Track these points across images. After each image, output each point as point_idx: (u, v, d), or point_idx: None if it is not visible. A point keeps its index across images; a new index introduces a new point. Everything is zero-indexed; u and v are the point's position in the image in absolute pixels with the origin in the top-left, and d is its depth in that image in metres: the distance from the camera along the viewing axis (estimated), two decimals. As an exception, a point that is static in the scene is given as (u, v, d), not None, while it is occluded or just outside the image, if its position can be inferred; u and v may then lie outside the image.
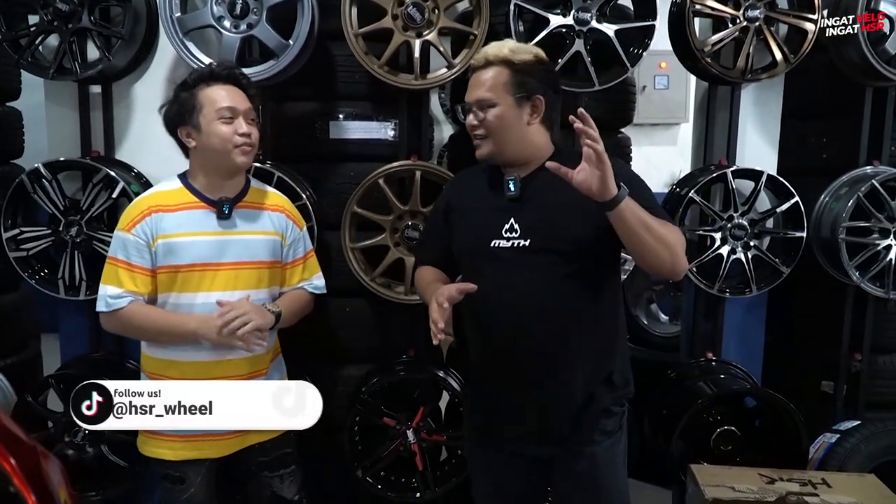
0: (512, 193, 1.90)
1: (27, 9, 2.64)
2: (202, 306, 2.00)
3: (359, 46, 2.56)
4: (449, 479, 2.82)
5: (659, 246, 1.73)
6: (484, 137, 1.90)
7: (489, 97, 1.87)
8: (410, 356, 2.94)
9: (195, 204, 2.03)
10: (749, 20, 2.69)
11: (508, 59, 1.87)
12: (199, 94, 1.98)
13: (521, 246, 1.87)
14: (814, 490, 2.45)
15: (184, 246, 1.99)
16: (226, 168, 2.02)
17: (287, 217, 2.17)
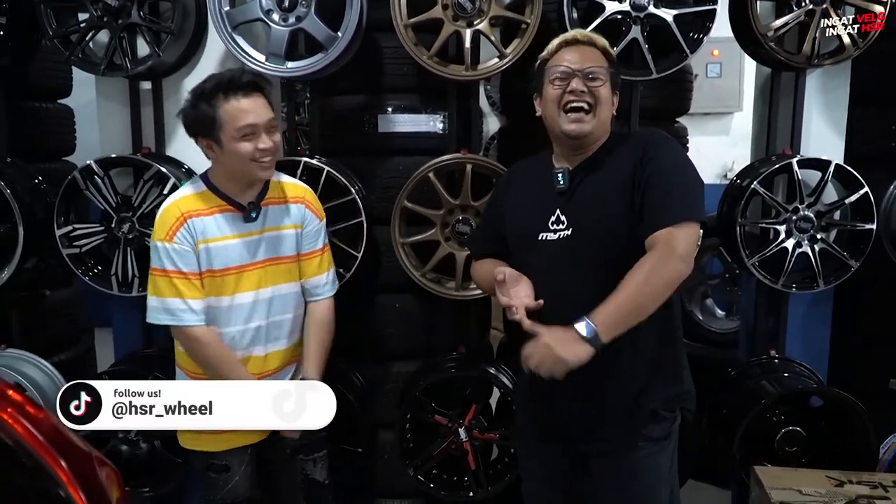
0: (560, 186, 1.88)
1: (77, 5, 2.65)
2: (236, 307, 2.07)
3: (408, 37, 2.52)
4: (501, 479, 2.78)
5: (659, 296, 1.70)
6: (589, 111, 1.84)
7: (602, 70, 1.85)
8: (461, 353, 2.89)
9: (224, 207, 2.05)
10: (815, 3, 2.58)
11: (606, 49, 1.90)
12: (219, 109, 1.95)
13: (566, 238, 1.84)
14: (885, 493, 2.38)
15: (219, 250, 2.03)
16: (248, 181, 2.05)
17: (306, 207, 2.18)
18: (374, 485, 3.00)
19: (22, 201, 2.69)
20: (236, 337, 2.08)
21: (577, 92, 1.83)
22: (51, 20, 2.60)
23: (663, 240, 1.70)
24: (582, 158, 1.89)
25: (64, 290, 3.26)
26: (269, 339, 2.13)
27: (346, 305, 2.85)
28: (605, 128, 1.90)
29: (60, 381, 2.86)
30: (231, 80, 1.97)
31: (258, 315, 2.10)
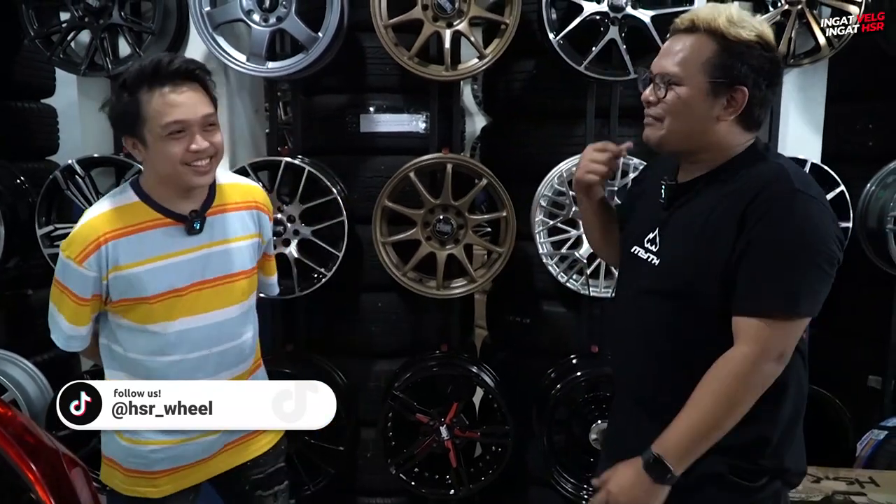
0: (661, 201, 1.56)
1: (58, 5, 2.65)
2: (179, 334, 1.75)
3: (388, 38, 2.53)
4: (483, 476, 2.79)
5: (742, 408, 1.40)
6: (657, 119, 1.49)
7: (676, 73, 1.45)
8: (444, 351, 2.90)
9: (158, 221, 1.71)
10: (791, 3, 2.60)
11: (720, 31, 1.42)
12: (142, 101, 1.61)
13: (653, 264, 1.54)
14: (861, 489, 2.40)
15: (153, 273, 1.70)
16: (182, 188, 1.70)
17: (261, 211, 1.89)
18: (357, 483, 3.00)
19: (4, 201, 2.70)
20: (183, 366, 1.77)
21: (645, 101, 1.52)
22: (32, 20, 2.60)
23: (754, 334, 1.37)
24: (695, 173, 1.53)
25: (47, 289, 3.23)
26: (221, 367, 1.83)
27: (329, 304, 2.88)
28: (703, 140, 1.48)
29: (42, 381, 2.86)
30: (156, 67, 1.61)
31: (208, 342, 1.79)
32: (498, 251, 2.70)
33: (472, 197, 2.69)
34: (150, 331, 1.73)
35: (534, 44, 2.64)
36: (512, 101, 2.94)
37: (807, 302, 1.38)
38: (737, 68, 1.42)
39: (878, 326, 2.98)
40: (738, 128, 1.48)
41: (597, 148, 1.65)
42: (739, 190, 1.43)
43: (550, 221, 2.66)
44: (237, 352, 1.86)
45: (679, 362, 1.50)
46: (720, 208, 1.44)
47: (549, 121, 2.82)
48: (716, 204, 1.45)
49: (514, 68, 2.84)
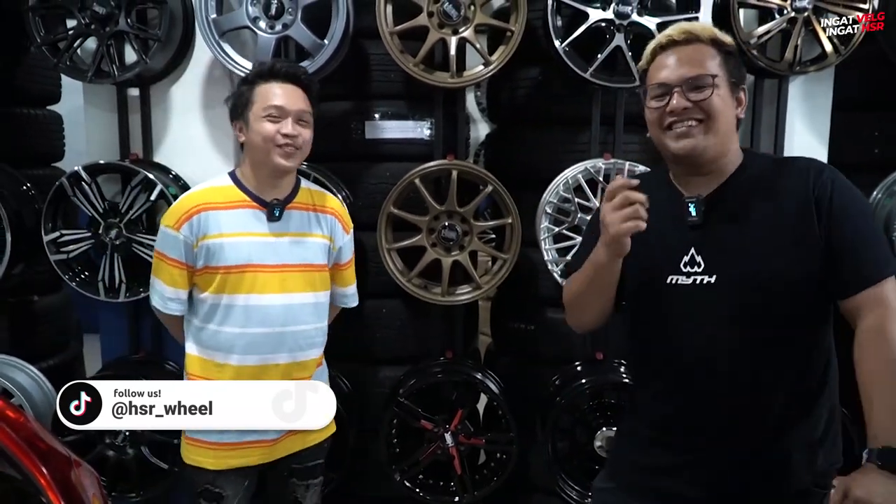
0: (694, 219, 1.52)
1: (65, 12, 2.66)
2: (256, 308, 1.96)
3: (394, 45, 2.53)
4: (487, 484, 2.78)
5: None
6: (699, 123, 1.48)
7: (715, 74, 1.47)
8: (448, 358, 2.90)
9: (245, 203, 1.98)
10: (797, 11, 2.60)
11: (717, 39, 1.50)
12: (254, 90, 1.95)
13: (706, 283, 1.50)
14: None
15: (232, 246, 1.95)
16: (269, 168, 1.96)
17: (337, 220, 2.12)
18: (361, 490, 3.00)
19: (10, 207, 2.70)
20: (249, 340, 1.96)
21: (678, 111, 1.48)
22: (39, 27, 2.61)
23: (884, 297, 1.41)
24: (716, 184, 1.53)
25: (52, 295, 3.26)
26: (283, 346, 2.00)
27: (333, 311, 2.88)
28: (727, 142, 1.52)
29: (48, 387, 2.86)
30: (272, 67, 1.98)
31: (272, 320, 1.97)
32: (503, 258, 2.70)
33: (478, 203, 2.69)
34: (223, 301, 1.96)
35: (539, 51, 2.65)
36: (517, 107, 2.94)
37: None
38: (738, 69, 1.53)
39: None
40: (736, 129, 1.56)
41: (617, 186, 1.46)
42: (786, 180, 1.49)
43: (556, 228, 2.65)
44: (301, 337, 2.03)
45: (762, 378, 1.48)
46: (781, 205, 1.47)
47: (554, 127, 2.82)
48: (771, 204, 1.47)
49: (520, 75, 2.85)
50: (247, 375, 1.97)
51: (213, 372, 1.99)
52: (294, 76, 1.98)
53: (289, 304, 2.00)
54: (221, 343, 1.97)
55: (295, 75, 1.98)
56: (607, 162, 2.64)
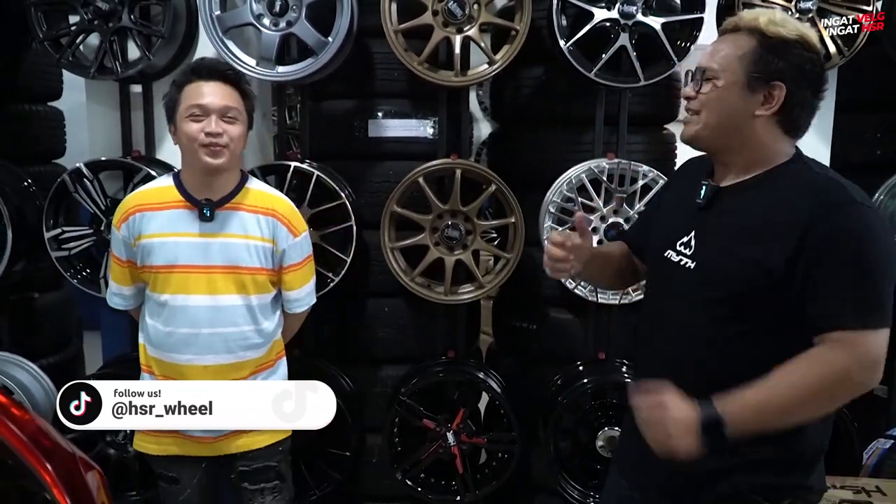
0: (699, 202, 1.54)
1: (68, 8, 2.65)
2: (182, 308, 1.96)
3: (398, 43, 2.53)
4: (489, 483, 2.79)
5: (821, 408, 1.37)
6: (695, 113, 1.52)
7: (715, 68, 1.47)
8: (450, 357, 2.90)
9: (180, 203, 1.97)
10: (801, 12, 2.60)
11: (760, 29, 1.45)
12: (181, 91, 1.93)
13: (687, 267, 1.53)
14: (868, 498, 2.41)
15: (162, 246, 1.96)
16: (197, 167, 1.94)
17: (278, 221, 2.04)
18: (362, 489, 3.00)
19: (11, 204, 2.69)
20: (178, 339, 1.96)
21: (686, 97, 1.54)
22: (41, 23, 2.59)
23: (848, 341, 1.33)
24: (733, 177, 1.53)
25: (53, 293, 3.25)
26: (212, 349, 1.97)
27: (336, 309, 2.88)
28: (741, 138, 1.48)
29: (49, 385, 2.85)
30: (194, 66, 1.97)
31: (199, 322, 1.96)
32: (506, 257, 2.70)
33: (481, 203, 2.69)
34: (156, 300, 1.99)
35: (543, 50, 2.65)
36: (521, 106, 2.95)
37: (889, 311, 1.36)
38: (774, 63, 1.43)
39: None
40: (778, 129, 1.47)
41: (553, 242, 1.62)
42: (791, 199, 1.42)
43: (559, 228, 2.66)
44: (231, 339, 1.99)
45: (711, 373, 1.47)
46: (769, 216, 1.43)
47: (558, 127, 2.82)
48: (763, 211, 1.44)
49: (524, 74, 2.85)
50: (177, 373, 1.98)
51: (153, 364, 2.04)
52: (218, 72, 1.95)
53: (216, 305, 1.97)
54: (159, 339, 2.00)
55: (219, 71, 1.95)
56: (611, 162, 2.64)
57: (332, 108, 2.90)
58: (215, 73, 1.94)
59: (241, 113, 1.95)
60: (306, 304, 2.19)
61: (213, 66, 1.96)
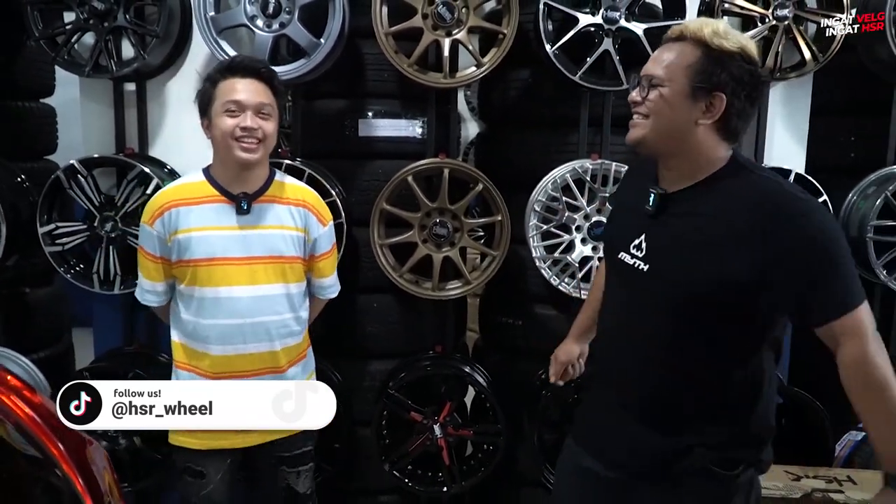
0: (648, 209, 1.62)
1: (63, 7, 2.67)
2: (226, 300, 2.03)
3: (389, 45, 2.58)
4: (474, 474, 2.85)
5: None
6: (642, 118, 1.58)
7: (661, 76, 1.54)
8: (438, 352, 2.96)
9: (215, 198, 2.04)
10: (778, 19, 2.69)
11: (705, 41, 1.51)
12: (216, 86, 2.00)
13: (641, 269, 1.62)
14: (839, 487, 2.46)
15: (201, 240, 2.01)
16: (233, 162, 2.00)
17: (309, 211, 2.15)
18: (351, 480, 3.05)
19: (5, 199, 2.72)
20: (220, 331, 2.04)
21: (633, 102, 1.61)
22: (37, 21, 2.62)
23: (856, 328, 1.44)
24: (677, 183, 1.60)
25: (45, 288, 3.27)
26: (253, 338, 2.06)
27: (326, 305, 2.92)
28: (682, 145, 1.55)
29: (40, 379, 2.88)
30: (232, 61, 2.04)
31: (243, 312, 2.04)
32: (492, 254, 2.77)
33: (468, 201, 2.75)
34: (196, 294, 2.04)
35: (530, 53, 2.71)
36: (507, 108, 3.01)
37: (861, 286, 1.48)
38: (717, 75, 1.50)
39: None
40: (717, 136, 1.54)
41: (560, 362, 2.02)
42: (742, 206, 1.49)
43: (544, 226, 2.73)
44: (273, 327, 2.09)
45: (670, 367, 1.59)
46: (720, 221, 1.50)
47: (543, 128, 2.89)
48: (712, 217, 1.52)
49: (511, 77, 2.91)
50: (223, 364, 2.06)
51: (195, 359, 2.09)
52: (253, 70, 2.02)
53: (259, 295, 2.06)
54: (199, 333, 2.06)
55: (254, 69, 2.02)
56: (594, 162, 2.71)
57: (323, 108, 2.95)
58: (251, 70, 2.01)
59: (274, 109, 2.03)
60: (336, 290, 2.32)
61: (249, 64, 2.03)
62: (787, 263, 1.44)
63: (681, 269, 1.55)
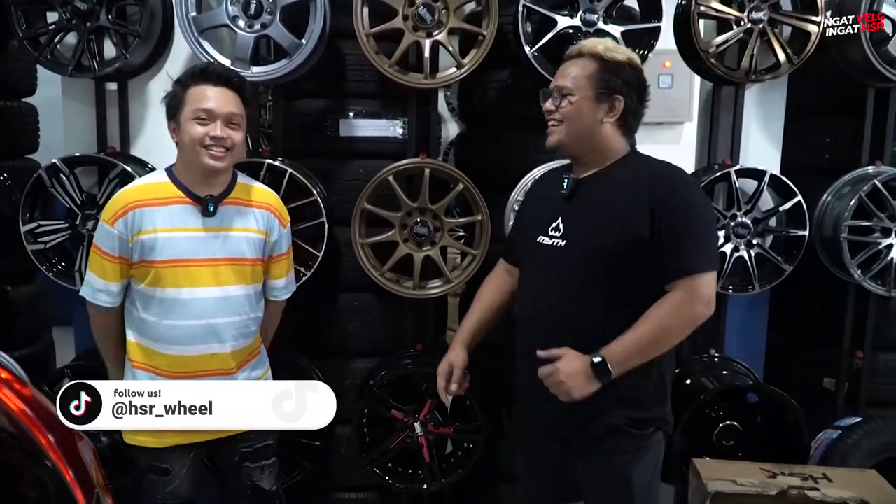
0: (563, 192, 1.91)
1: (46, 7, 2.68)
2: (189, 302, 2.03)
3: (370, 46, 2.60)
4: (454, 471, 2.87)
5: (676, 337, 1.81)
6: (557, 124, 1.90)
7: (569, 86, 1.86)
8: (418, 350, 2.98)
9: (180, 199, 2.03)
10: (753, 22, 2.74)
11: (600, 55, 1.87)
12: (187, 91, 1.99)
13: (558, 247, 1.88)
14: (815, 484, 2.48)
15: (166, 241, 2.00)
16: (199, 168, 2.01)
17: (272, 214, 2.17)
18: (332, 478, 3.07)
19: (-13, 198, 2.72)
20: (183, 332, 2.04)
21: (546, 110, 1.92)
22: (20, 21, 2.63)
23: (687, 285, 1.76)
24: (589, 171, 1.91)
25: (26, 286, 3.27)
26: (215, 338, 2.07)
27: (307, 304, 2.93)
28: (593, 142, 1.88)
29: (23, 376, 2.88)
30: (204, 69, 2.04)
31: (206, 313, 2.05)
32: (472, 253, 2.79)
33: (449, 201, 2.77)
34: (158, 295, 2.02)
35: (509, 54, 2.74)
36: (487, 108, 3.04)
37: (714, 257, 1.83)
38: (613, 81, 1.85)
39: (833, 330, 3.10)
40: (618, 132, 1.89)
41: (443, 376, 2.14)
42: (639, 182, 1.82)
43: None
44: (234, 328, 2.10)
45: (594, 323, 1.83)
46: (623, 195, 1.82)
47: (523, 128, 2.89)
48: (617, 193, 1.84)
49: (490, 77, 2.94)
50: (182, 364, 2.06)
51: (152, 358, 2.07)
52: (226, 79, 2.03)
53: (222, 296, 2.07)
54: (161, 334, 2.04)
55: (226, 78, 2.03)
56: (573, 162, 2.75)
57: (304, 108, 2.96)
58: (223, 78, 2.02)
59: (244, 119, 2.05)
60: (290, 290, 2.33)
61: (222, 72, 2.05)
62: (664, 222, 1.76)
63: (592, 234, 1.84)
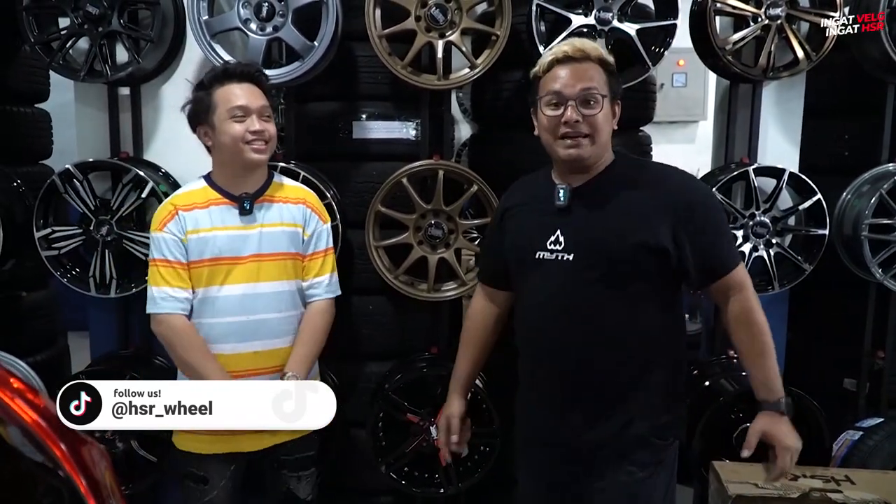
0: (560, 203, 1.82)
1: (58, 12, 2.69)
2: (224, 299, 2.07)
3: (382, 47, 2.59)
4: (471, 475, 2.84)
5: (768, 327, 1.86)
6: (586, 136, 1.76)
7: (596, 87, 1.76)
8: (433, 353, 2.96)
9: (218, 200, 2.10)
10: (770, 18, 2.70)
11: (603, 59, 1.80)
12: (213, 94, 2.04)
13: (565, 260, 1.80)
14: (837, 487, 2.44)
15: (206, 240, 2.06)
16: (241, 164, 2.07)
17: (308, 208, 2.20)
18: (347, 482, 3.05)
19: (1, 204, 2.72)
20: (223, 330, 2.08)
21: (572, 122, 1.75)
22: (32, 27, 2.64)
23: (742, 278, 1.82)
24: (585, 179, 1.84)
25: (40, 291, 3.28)
26: (256, 335, 2.10)
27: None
28: (605, 148, 1.83)
29: (37, 382, 2.88)
30: (225, 69, 2.08)
31: (246, 309, 2.08)
32: (487, 255, 2.77)
33: (463, 203, 2.76)
34: (200, 294, 2.08)
35: (523, 54, 2.70)
36: (501, 109, 3.01)
37: None
38: (616, 85, 1.83)
39: (853, 330, 3.06)
40: (610, 136, 1.84)
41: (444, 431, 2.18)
42: (641, 184, 1.80)
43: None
44: (275, 324, 2.13)
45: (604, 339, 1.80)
46: (631, 200, 1.78)
47: (536, 129, 2.89)
48: (623, 198, 1.79)
49: (504, 78, 2.91)
50: (234, 362, 2.08)
51: None
52: (248, 75, 2.08)
53: (263, 292, 2.11)
54: (205, 333, 2.08)
55: (249, 74, 2.08)
56: (588, 163, 2.72)
57: (316, 110, 2.95)
58: (246, 75, 2.07)
59: (272, 111, 2.11)
60: (335, 290, 2.29)
61: (244, 69, 2.09)
62: (690, 226, 1.74)
63: (604, 243, 1.77)
